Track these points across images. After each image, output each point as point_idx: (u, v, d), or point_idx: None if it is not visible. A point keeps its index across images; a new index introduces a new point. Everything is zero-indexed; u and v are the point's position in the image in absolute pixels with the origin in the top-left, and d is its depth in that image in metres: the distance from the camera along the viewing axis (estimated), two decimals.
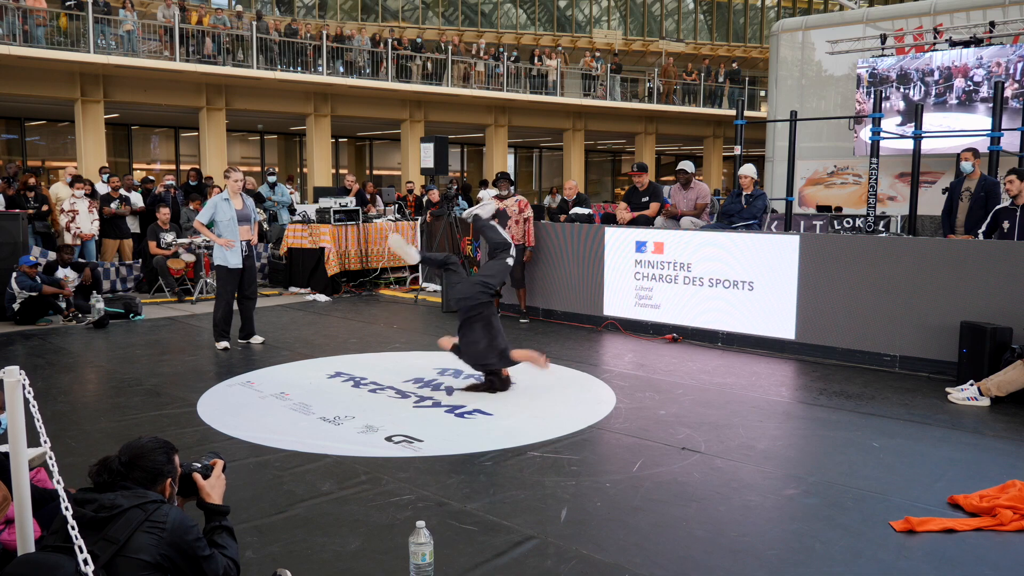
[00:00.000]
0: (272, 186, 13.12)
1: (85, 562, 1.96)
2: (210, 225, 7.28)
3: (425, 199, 13.18)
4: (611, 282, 8.29)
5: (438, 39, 21.92)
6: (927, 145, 10.84)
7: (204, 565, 2.29)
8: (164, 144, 22.64)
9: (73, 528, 2.01)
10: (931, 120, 12.21)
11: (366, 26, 23.13)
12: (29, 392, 2.24)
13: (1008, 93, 11.55)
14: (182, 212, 12.03)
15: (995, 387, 5.33)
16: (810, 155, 14.17)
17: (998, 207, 7.05)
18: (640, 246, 8.02)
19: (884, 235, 10.02)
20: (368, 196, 13.47)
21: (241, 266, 7.25)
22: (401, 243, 6.10)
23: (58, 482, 2.13)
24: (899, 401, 5.48)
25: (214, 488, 2.60)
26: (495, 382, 5.63)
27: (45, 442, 2.26)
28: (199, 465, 2.63)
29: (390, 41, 19.75)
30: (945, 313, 6.14)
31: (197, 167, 15.21)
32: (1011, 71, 12.00)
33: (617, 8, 29.27)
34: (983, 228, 6.99)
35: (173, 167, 21.74)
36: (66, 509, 2.08)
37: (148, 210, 11.80)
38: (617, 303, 8.26)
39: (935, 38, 12.81)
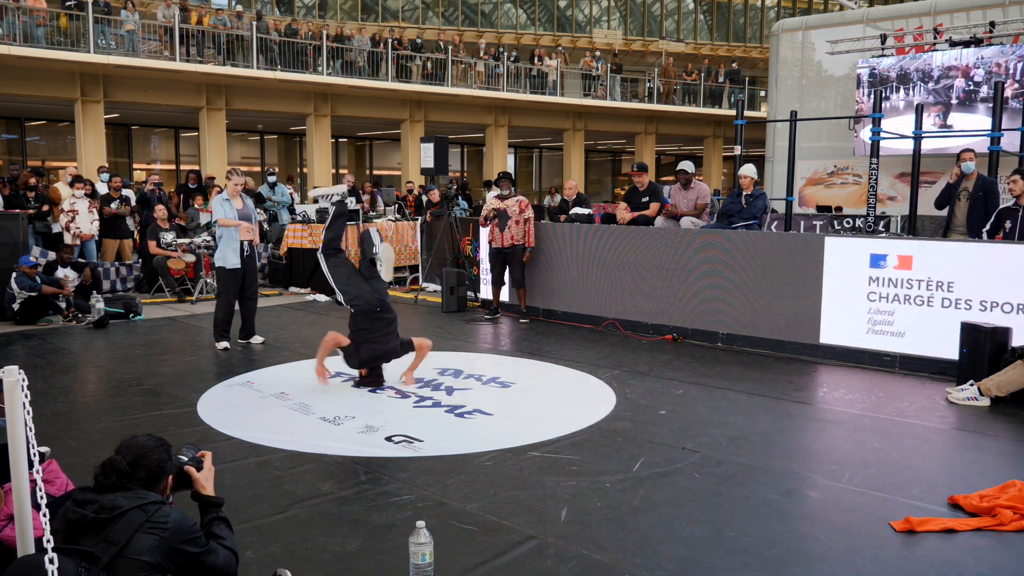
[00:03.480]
0: (272, 186, 13.13)
1: (51, 561, 1.95)
2: (213, 225, 7.30)
3: (425, 199, 13.18)
4: (613, 281, 8.28)
5: (438, 39, 21.90)
6: (927, 145, 10.83)
7: (205, 559, 2.31)
8: (164, 144, 22.64)
9: (50, 542, 1.98)
10: (931, 120, 12.21)
11: (366, 26, 23.13)
12: (26, 396, 2.24)
13: (1008, 93, 11.54)
14: (189, 212, 12.06)
15: (995, 387, 5.32)
16: (810, 155, 14.17)
17: (1001, 207, 7.05)
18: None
19: (884, 235, 10.02)
20: (363, 195, 13.41)
21: (239, 266, 7.26)
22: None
23: (43, 495, 2.12)
24: (899, 401, 5.47)
25: (208, 480, 2.62)
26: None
27: (35, 453, 2.25)
28: (185, 459, 2.63)
29: (390, 41, 19.74)
30: (945, 313, 6.12)
31: (196, 168, 15.20)
32: (1011, 71, 11.99)
33: (617, 8, 29.27)
34: (987, 228, 7.00)
35: (173, 167, 21.75)
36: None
37: (139, 211, 11.83)
38: (619, 302, 8.25)
39: (935, 38, 12.80)
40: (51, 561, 1.96)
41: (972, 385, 5.44)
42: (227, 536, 2.49)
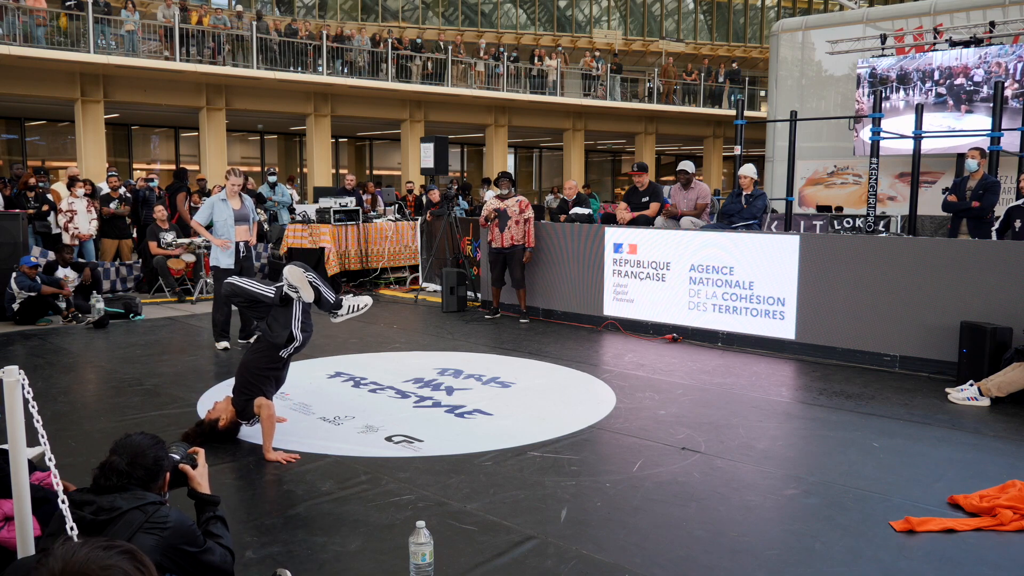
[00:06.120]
0: (272, 186, 13.13)
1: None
2: (209, 226, 7.28)
3: (425, 199, 13.17)
4: (610, 282, 8.29)
5: (438, 39, 21.90)
6: (927, 145, 10.83)
7: (204, 558, 2.32)
8: (164, 144, 22.64)
9: (72, 529, 2.00)
10: (931, 120, 12.22)
11: (366, 26, 23.13)
12: (28, 392, 2.24)
13: (1008, 93, 11.54)
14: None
15: (995, 387, 5.32)
16: (810, 155, 14.16)
17: (1011, 205, 7.06)
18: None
19: (884, 235, 10.02)
20: (363, 196, 13.37)
21: (233, 266, 7.23)
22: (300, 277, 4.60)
23: (58, 484, 2.13)
24: (899, 401, 5.47)
25: (203, 477, 2.64)
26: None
27: (43, 439, 2.25)
28: (178, 456, 2.63)
29: (390, 41, 19.75)
30: (945, 313, 6.13)
31: (186, 167, 15.15)
32: (1011, 71, 11.99)
33: (617, 8, 29.26)
34: (996, 226, 7.00)
35: (173, 167, 21.75)
36: (64, 506, 2.07)
37: (135, 211, 11.82)
38: (618, 303, 8.26)
39: (935, 38, 12.80)
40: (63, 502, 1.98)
41: (972, 385, 5.44)
42: (223, 535, 2.50)
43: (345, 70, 19.26)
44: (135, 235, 11.89)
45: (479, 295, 9.95)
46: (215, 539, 2.44)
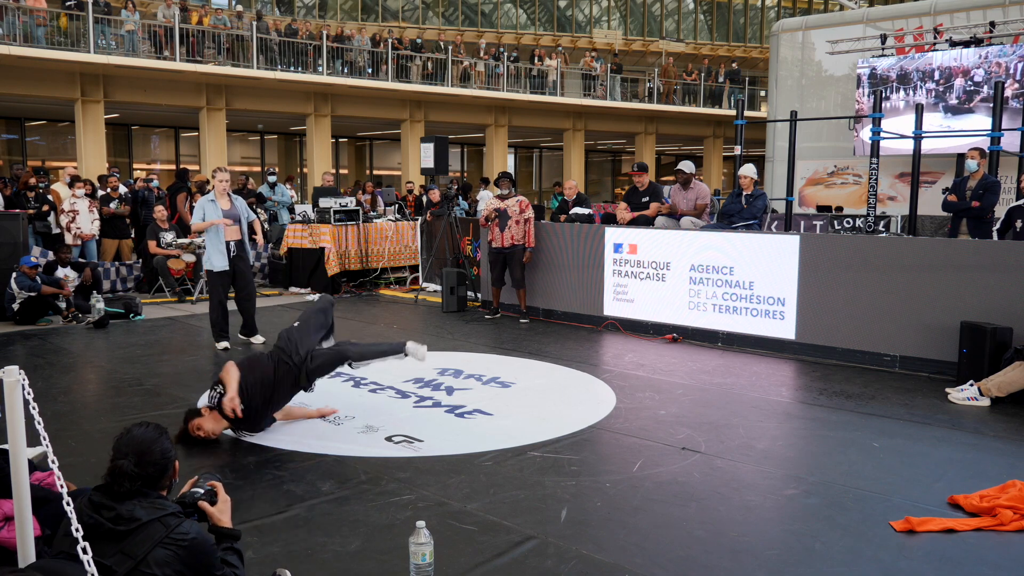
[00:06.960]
0: (272, 186, 13.13)
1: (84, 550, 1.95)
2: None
3: (425, 199, 13.18)
4: (611, 282, 8.29)
5: (438, 39, 21.91)
6: (927, 145, 10.83)
7: None
8: (164, 144, 22.64)
9: (78, 531, 1.98)
10: (931, 120, 12.22)
11: (366, 26, 23.14)
12: (28, 393, 2.24)
13: (1008, 93, 11.54)
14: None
15: (995, 387, 5.32)
16: (810, 155, 14.17)
17: (1012, 205, 7.06)
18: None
19: (884, 235, 10.02)
20: (361, 197, 13.32)
21: (227, 267, 7.21)
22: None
23: (63, 486, 2.12)
24: (899, 401, 5.47)
25: (223, 512, 2.62)
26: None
27: (45, 440, 2.25)
28: (201, 492, 2.61)
29: (390, 41, 19.75)
30: (945, 313, 6.13)
31: (187, 167, 15.17)
32: (1011, 71, 11.99)
33: (617, 8, 29.27)
34: (997, 227, 7.00)
35: (173, 167, 21.75)
36: (77, 531, 2.05)
37: (134, 211, 11.82)
38: (618, 303, 8.26)
39: (935, 38, 12.80)
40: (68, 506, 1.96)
41: (972, 385, 5.43)
42: (237, 566, 2.49)
43: (345, 70, 19.26)
44: (134, 235, 11.89)
45: (479, 295, 9.95)
46: (231, 568, 2.44)
